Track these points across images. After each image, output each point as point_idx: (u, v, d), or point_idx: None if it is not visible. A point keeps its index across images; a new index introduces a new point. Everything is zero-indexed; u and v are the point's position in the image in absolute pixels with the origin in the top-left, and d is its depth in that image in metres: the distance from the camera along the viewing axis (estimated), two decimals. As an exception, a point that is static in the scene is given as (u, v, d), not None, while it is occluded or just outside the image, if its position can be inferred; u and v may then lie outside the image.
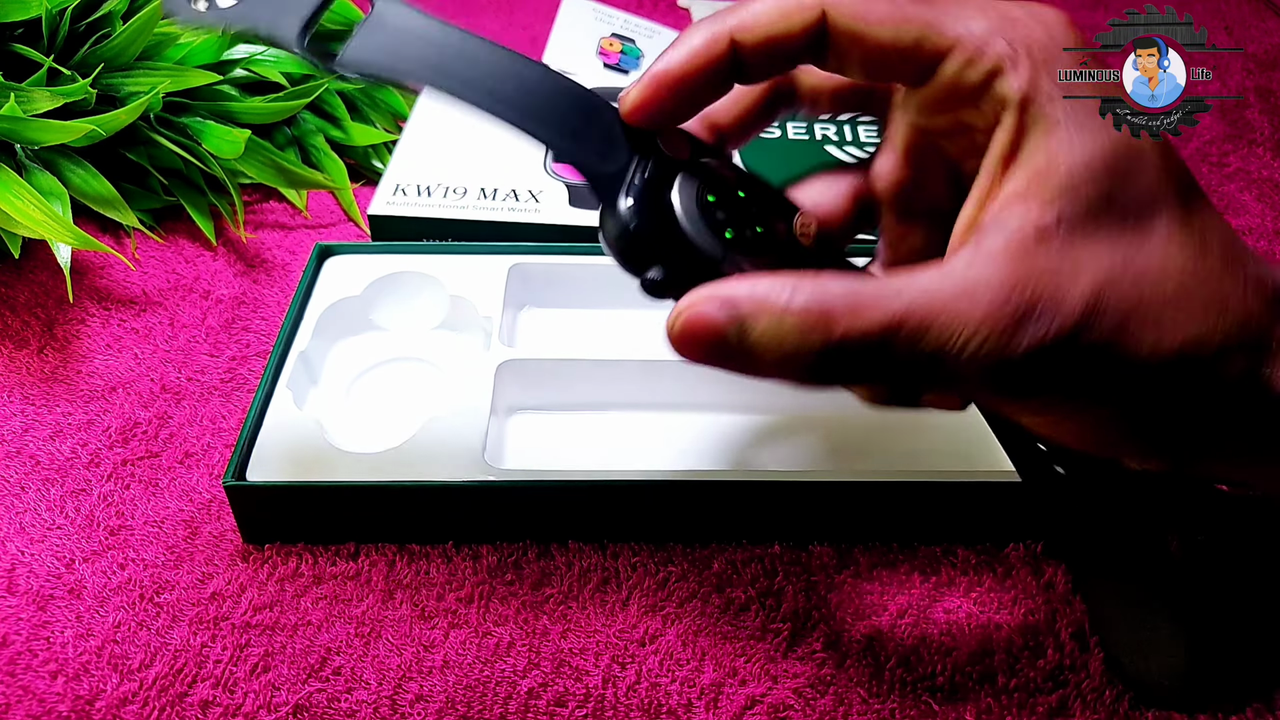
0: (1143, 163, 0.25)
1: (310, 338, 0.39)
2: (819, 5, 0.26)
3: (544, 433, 0.39)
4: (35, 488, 0.37)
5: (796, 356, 0.25)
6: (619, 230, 0.27)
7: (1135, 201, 0.25)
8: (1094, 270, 0.24)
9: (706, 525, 0.35)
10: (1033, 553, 0.35)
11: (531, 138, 0.27)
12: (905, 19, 0.26)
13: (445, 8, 0.71)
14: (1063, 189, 0.24)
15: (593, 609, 0.33)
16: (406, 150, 0.51)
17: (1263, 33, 0.70)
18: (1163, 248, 0.25)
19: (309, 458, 0.35)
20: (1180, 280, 0.24)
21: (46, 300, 0.45)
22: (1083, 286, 0.24)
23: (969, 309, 0.24)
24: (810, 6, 0.26)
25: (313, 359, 0.40)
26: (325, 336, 0.41)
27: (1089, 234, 0.24)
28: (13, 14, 0.44)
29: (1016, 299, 0.24)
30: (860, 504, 0.35)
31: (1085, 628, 0.33)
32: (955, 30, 0.25)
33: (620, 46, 0.64)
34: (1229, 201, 0.54)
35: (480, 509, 0.34)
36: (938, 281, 0.24)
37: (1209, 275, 0.25)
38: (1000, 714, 0.31)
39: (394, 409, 0.40)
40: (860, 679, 0.32)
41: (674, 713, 0.31)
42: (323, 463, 0.35)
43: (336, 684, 0.31)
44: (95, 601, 0.33)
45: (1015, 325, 0.24)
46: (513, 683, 0.31)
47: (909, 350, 0.24)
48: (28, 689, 0.31)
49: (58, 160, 0.45)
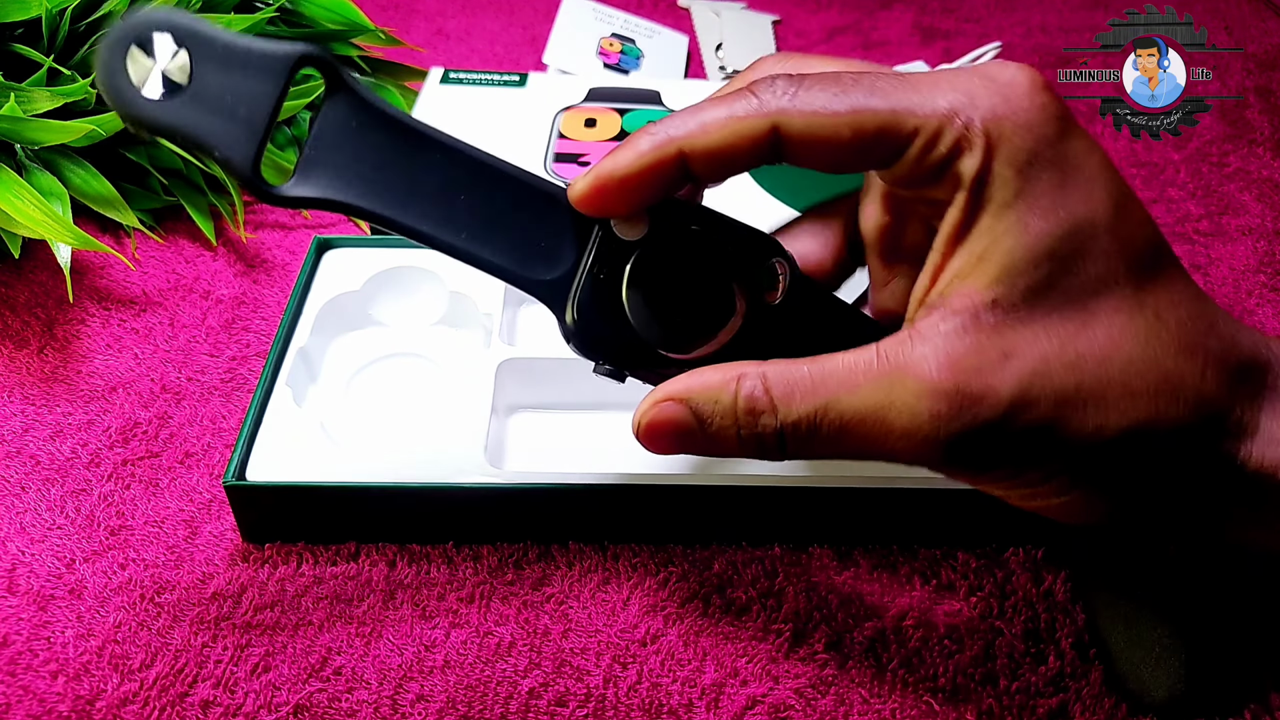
0: (1094, 243, 0.24)
1: (309, 333, 0.40)
2: (770, 120, 0.25)
3: (544, 432, 0.39)
4: (35, 488, 0.37)
5: (755, 441, 0.26)
6: (568, 335, 0.28)
7: (1081, 285, 0.24)
8: (1027, 356, 0.24)
9: (707, 527, 0.35)
10: (1033, 558, 0.35)
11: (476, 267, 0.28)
12: (863, 114, 0.25)
13: (447, 9, 0.71)
14: (1002, 273, 0.24)
15: (593, 609, 0.33)
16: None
17: (1263, 33, 0.70)
18: (1106, 331, 0.24)
19: (309, 457, 0.35)
20: (1127, 364, 0.24)
21: (46, 300, 0.45)
22: (1012, 373, 0.24)
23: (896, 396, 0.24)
24: (760, 121, 0.26)
25: (312, 354, 0.40)
26: (324, 332, 0.41)
27: (1025, 319, 0.24)
28: (13, 14, 0.44)
29: (940, 387, 0.24)
30: (861, 509, 0.35)
31: (1085, 635, 0.33)
32: (914, 117, 0.25)
33: (620, 46, 0.64)
34: (1229, 201, 0.54)
35: (481, 510, 0.34)
36: (866, 364, 0.25)
37: (1161, 357, 0.24)
38: (1001, 715, 0.31)
39: (394, 406, 0.40)
40: (861, 679, 0.32)
41: (675, 713, 0.31)
42: (323, 462, 0.35)
43: (337, 684, 0.31)
44: (96, 601, 0.33)
45: (940, 414, 0.24)
46: (514, 683, 0.31)
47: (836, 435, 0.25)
48: (28, 689, 0.31)
49: (58, 160, 0.45)
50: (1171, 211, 0.53)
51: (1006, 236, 0.24)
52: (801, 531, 0.35)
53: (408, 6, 0.71)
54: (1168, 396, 0.24)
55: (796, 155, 0.26)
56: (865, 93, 0.25)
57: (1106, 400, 0.24)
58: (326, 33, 0.54)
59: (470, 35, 0.68)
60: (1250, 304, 0.48)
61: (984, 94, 0.25)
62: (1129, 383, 0.24)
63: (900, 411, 0.24)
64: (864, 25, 0.71)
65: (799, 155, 0.26)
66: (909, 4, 0.73)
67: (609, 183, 0.27)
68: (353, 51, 0.55)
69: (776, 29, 0.70)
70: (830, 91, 0.25)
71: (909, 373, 0.24)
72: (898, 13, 0.72)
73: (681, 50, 0.66)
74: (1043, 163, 0.24)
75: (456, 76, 0.57)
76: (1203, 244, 0.51)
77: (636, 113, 0.55)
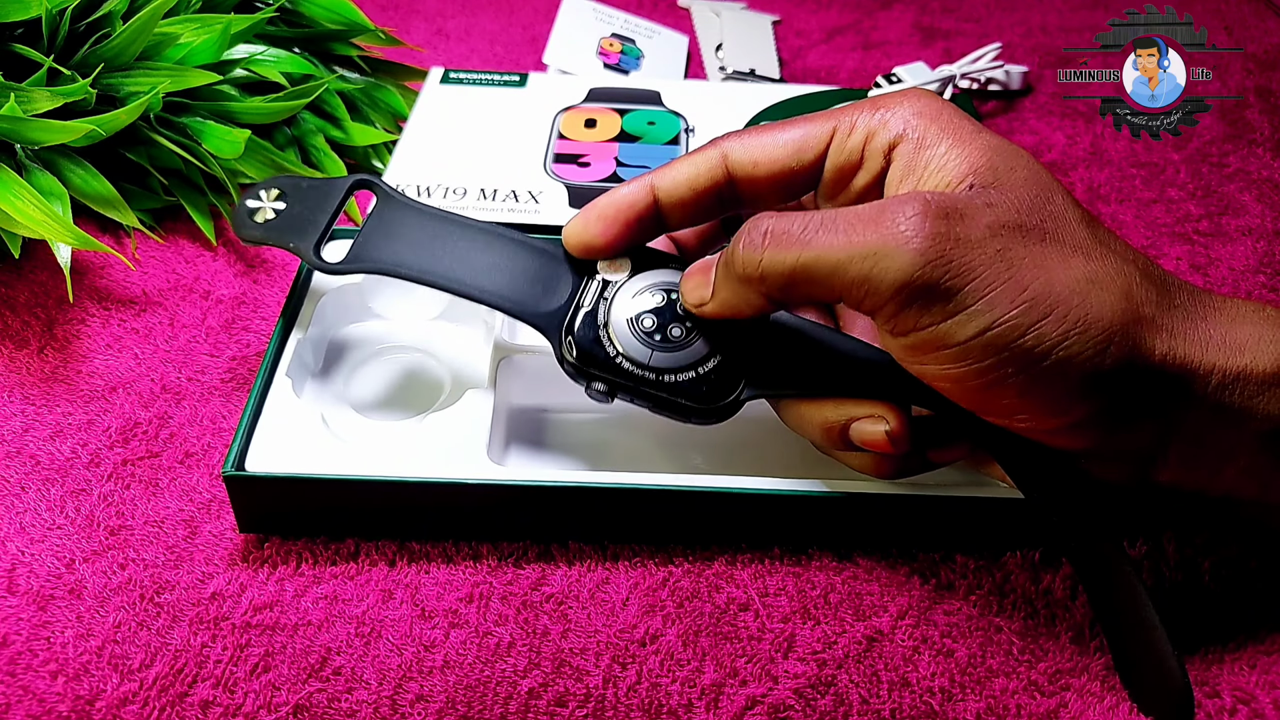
0: (1020, 156, 0.29)
1: (310, 325, 0.40)
2: (719, 150, 0.32)
3: (546, 429, 0.39)
4: (35, 488, 0.37)
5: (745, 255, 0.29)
6: (561, 361, 0.33)
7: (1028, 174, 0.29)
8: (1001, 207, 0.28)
9: (706, 530, 0.35)
10: (1031, 560, 0.35)
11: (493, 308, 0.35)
12: (786, 137, 0.32)
13: (447, 9, 0.71)
14: (964, 169, 0.29)
15: (593, 609, 0.33)
16: (406, 150, 0.52)
17: (1263, 33, 0.70)
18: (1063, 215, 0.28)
19: (309, 449, 0.35)
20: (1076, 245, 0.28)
21: (46, 300, 0.45)
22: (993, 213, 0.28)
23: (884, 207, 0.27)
24: (713, 152, 0.32)
25: (313, 347, 0.40)
26: (325, 324, 0.41)
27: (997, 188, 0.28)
28: (13, 14, 0.44)
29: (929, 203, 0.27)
30: (861, 516, 0.35)
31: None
32: (830, 120, 0.31)
33: (620, 46, 0.64)
34: (1229, 201, 0.54)
35: (482, 507, 0.34)
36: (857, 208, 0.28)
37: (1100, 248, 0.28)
38: (1000, 714, 0.31)
39: (394, 400, 0.40)
40: (860, 679, 0.32)
41: (674, 713, 0.31)
42: (323, 455, 0.35)
43: (337, 684, 0.31)
44: (95, 601, 0.33)
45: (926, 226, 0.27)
46: (513, 683, 0.31)
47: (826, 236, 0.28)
48: (28, 689, 0.31)
49: (58, 160, 0.45)
50: (1171, 211, 0.53)
51: (953, 150, 0.29)
52: (801, 536, 0.35)
53: (408, 6, 0.71)
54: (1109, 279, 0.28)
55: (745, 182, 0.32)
56: (792, 123, 0.32)
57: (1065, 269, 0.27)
58: (326, 32, 0.54)
59: (470, 35, 0.68)
60: (1250, 304, 0.48)
61: (891, 97, 0.31)
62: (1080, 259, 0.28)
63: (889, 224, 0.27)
64: (864, 25, 0.71)
65: (747, 181, 0.32)
66: (909, 4, 0.73)
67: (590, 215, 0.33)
68: (353, 51, 0.55)
69: (776, 29, 0.70)
70: (766, 128, 0.32)
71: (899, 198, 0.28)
72: (898, 13, 0.72)
73: (681, 50, 0.66)
74: (951, 117, 0.30)
75: (456, 76, 0.57)
76: (1203, 244, 0.51)
77: (636, 113, 0.55)
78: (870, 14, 0.72)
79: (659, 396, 0.32)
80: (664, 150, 0.52)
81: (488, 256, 0.35)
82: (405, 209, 0.36)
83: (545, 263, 0.34)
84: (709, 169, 0.32)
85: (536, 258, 0.35)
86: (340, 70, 0.55)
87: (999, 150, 0.29)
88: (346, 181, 0.38)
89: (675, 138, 0.53)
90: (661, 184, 0.32)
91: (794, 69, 0.66)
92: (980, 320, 0.26)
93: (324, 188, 0.37)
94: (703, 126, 0.54)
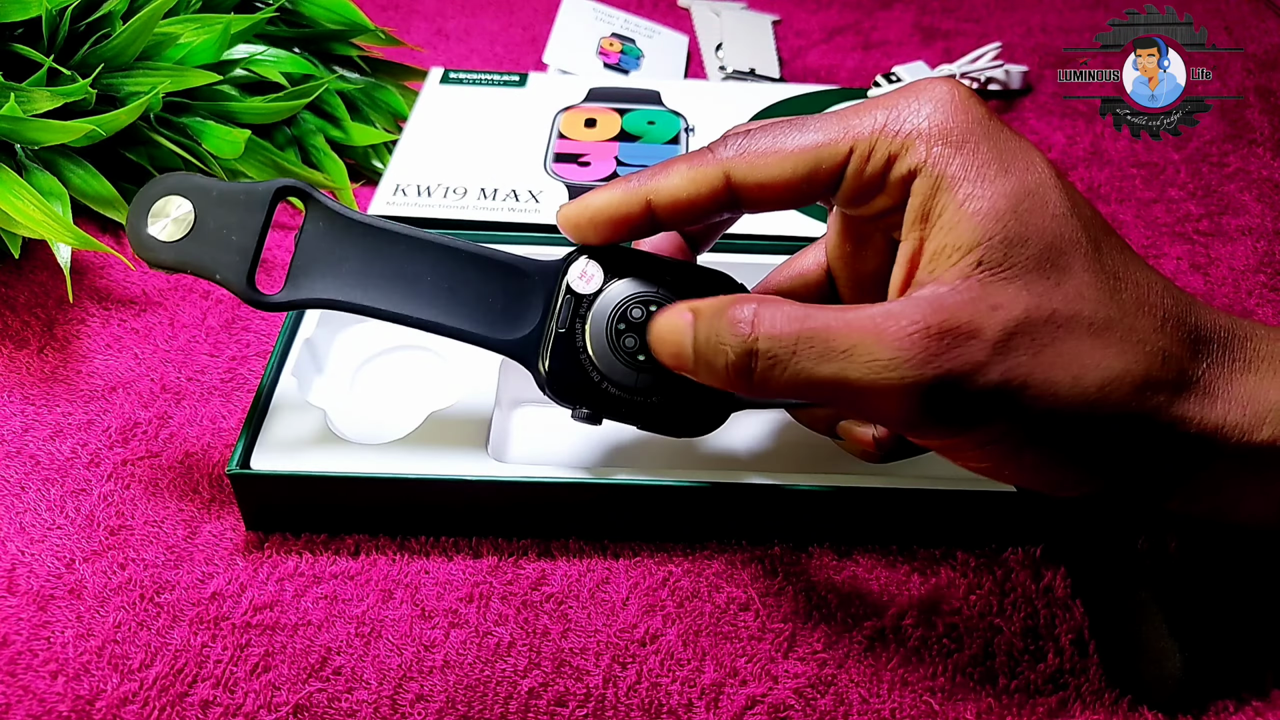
0: (1048, 203, 0.26)
1: (315, 325, 0.40)
2: (721, 168, 0.29)
3: (547, 427, 0.39)
4: (35, 488, 0.37)
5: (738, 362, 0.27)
6: (542, 386, 0.32)
7: (1048, 243, 0.26)
8: (1011, 308, 0.25)
9: (706, 526, 0.35)
10: (1031, 556, 0.35)
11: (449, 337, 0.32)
12: (797, 155, 0.29)
13: (447, 9, 0.71)
14: (979, 234, 0.26)
15: (593, 608, 0.33)
16: (406, 150, 0.52)
17: (1263, 33, 0.70)
18: (1076, 288, 0.26)
19: (313, 447, 0.35)
20: (1094, 316, 0.26)
21: (46, 300, 0.45)
22: (999, 320, 0.25)
23: (881, 329, 0.26)
24: (714, 170, 0.29)
25: (317, 346, 0.40)
26: (330, 323, 0.41)
27: (1009, 278, 0.26)
28: (13, 14, 0.44)
29: (929, 327, 0.25)
30: (860, 510, 0.35)
31: (1085, 632, 0.33)
32: (847, 139, 0.28)
33: (620, 46, 0.65)
34: (1229, 201, 0.54)
35: (483, 504, 0.34)
36: (857, 310, 0.26)
37: (1124, 313, 0.26)
38: (1001, 714, 0.31)
39: (398, 398, 0.40)
40: (861, 679, 0.32)
41: (674, 713, 0.31)
42: (327, 452, 0.35)
43: (337, 684, 0.31)
44: (95, 601, 0.33)
45: (926, 351, 0.25)
46: (513, 682, 0.31)
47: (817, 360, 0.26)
48: (28, 689, 0.31)
49: (58, 160, 0.45)
50: (1171, 211, 0.53)
51: (970, 201, 0.26)
52: (801, 532, 0.35)
53: (408, 6, 0.71)
54: (1133, 349, 0.26)
55: (751, 198, 0.30)
56: (799, 131, 0.29)
57: (1081, 355, 0.25)
58: (326, 32, 0.54)
59: (470, 35, 0.68)
60: (1250, 304, 0.48)
61: (909, 105, 0.28)
62: (1100, 336, 0.26)
63: (887, 346, 0.25)
64: (864, 25, 0.71)
65: (753, 198, 0.30)
66: (909, 4, 0.73)
67: (584, 215, 0.31)
68: (353, 51, 0.55)
69: (776, 29, 0.70)
70: (771, 135, 0.29)
71: (903, 317, 0.26)
72: (898, 13, 0.72)
73: (681, 50, 0.66)
74: (978, 144, 0.27)
75: (456, 76, 0.57)
76: (1203, 244, 0.51)
77: (636, 113, 0.55)
78: (870, 14, 0.72)
79: (646, 417, 0.32)
80: (664, 150, 0.52)
81: (445, 278, 0.32)
82: (345, 224, 0.32)
83: (509, 279, 0.32)
84: (710, 188, 0.30)
85: (499, 274, 0.32)
86: (340, 70, 0.55)
87: (1019, 199, 0.26)
88: (270, 188, 0.32)
89: (675, 137, 0.53)
90: (659, 199, 0.30)
91: (794, 69, 0.66)
92: (989, 434, 0.26)
93: (241, 196, 0.32)
94: (703, 126, 0.54)
